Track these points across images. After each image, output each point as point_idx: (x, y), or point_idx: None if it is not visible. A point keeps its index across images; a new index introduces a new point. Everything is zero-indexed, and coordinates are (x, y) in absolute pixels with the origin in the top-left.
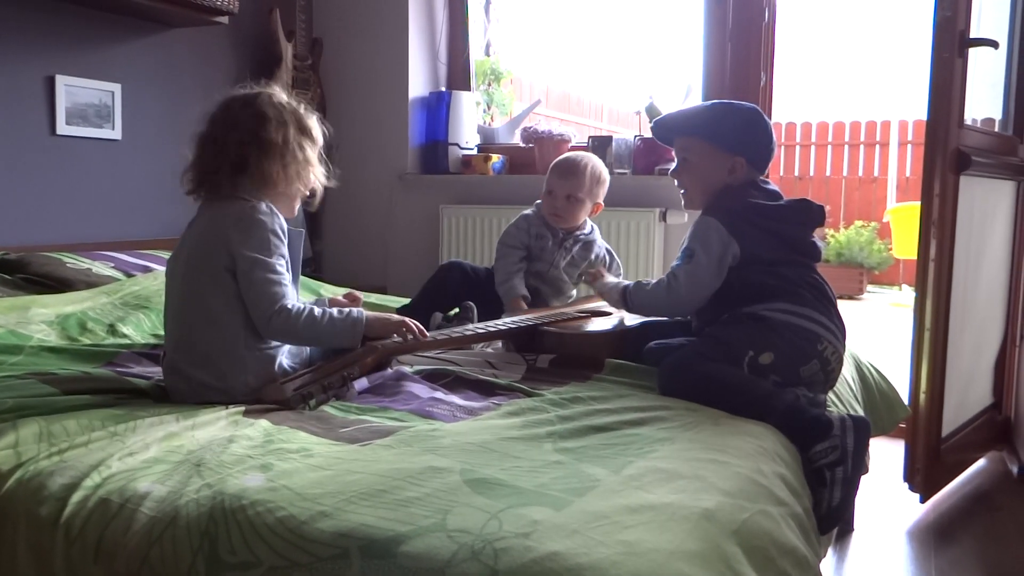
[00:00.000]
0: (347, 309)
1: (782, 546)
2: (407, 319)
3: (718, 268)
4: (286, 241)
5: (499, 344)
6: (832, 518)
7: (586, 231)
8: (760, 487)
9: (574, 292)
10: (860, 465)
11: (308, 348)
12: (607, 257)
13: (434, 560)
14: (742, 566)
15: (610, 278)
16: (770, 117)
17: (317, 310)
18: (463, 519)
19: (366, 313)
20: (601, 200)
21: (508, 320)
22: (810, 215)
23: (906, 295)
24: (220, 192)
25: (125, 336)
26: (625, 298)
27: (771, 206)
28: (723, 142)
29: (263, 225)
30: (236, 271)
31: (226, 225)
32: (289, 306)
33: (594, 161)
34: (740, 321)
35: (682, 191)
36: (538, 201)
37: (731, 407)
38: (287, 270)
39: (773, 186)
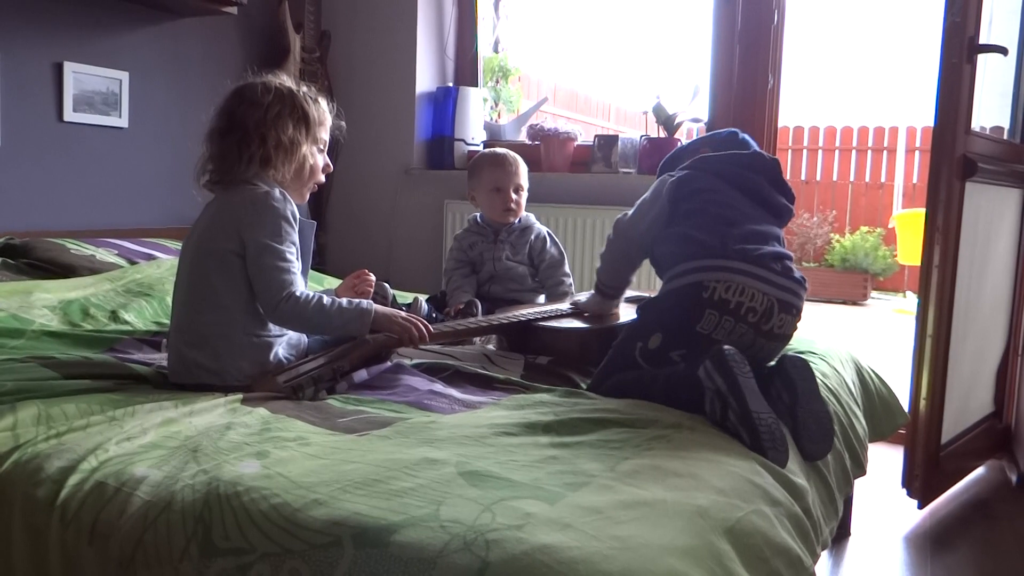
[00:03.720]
0: (356, 300)
1: (776, 546)
2: (417, 321)
3: (654, 197)
4: (297, 228)
5: (492, 345)
6: (746, 440)
7: (517, 220)
8: (755, 487)
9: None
10: (739, 390)
11: (306, 340)
12: (548, 239)
13: (426, 550)
14: (734, 564)
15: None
16: (776, 120)
17: (327, 298)
18: (456, 510)
19: (375, 306)
20: None
21: (501, 316)
22: (758, 162)
23: (910, 302)
24: (233, 180)
25: (127, 323)
26: (597, 285)
27: (710, 156)
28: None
29: (275, 211)
30: (245, 255)
31: (239, 210)
32: (298, 293)
33: (512, 152)
34: (633, 319)
35: None
36: (471, 216)
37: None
38: (297, 258)
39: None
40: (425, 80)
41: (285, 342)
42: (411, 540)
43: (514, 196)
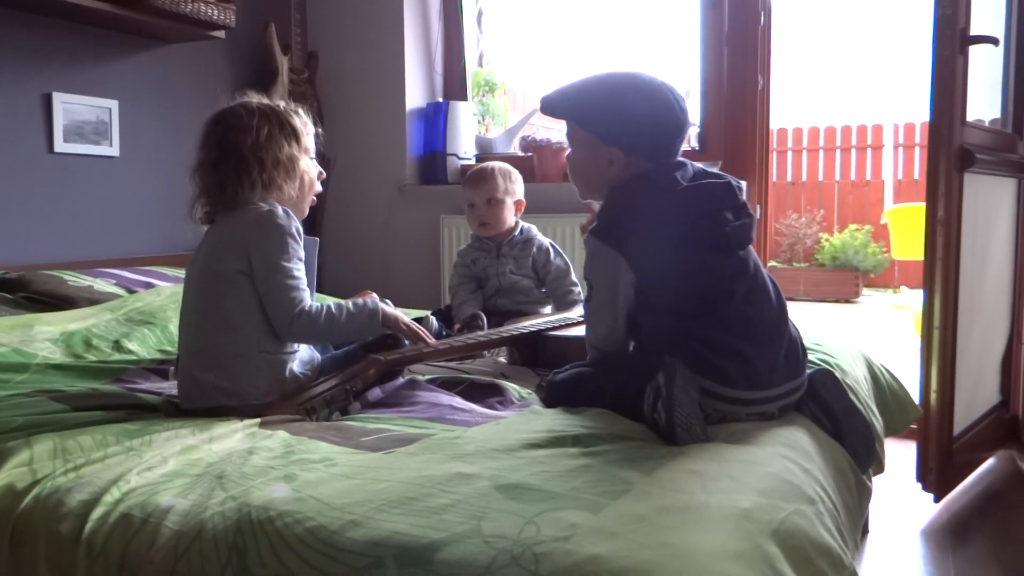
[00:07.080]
0: (362, 300)
1: (819, 546)
2: (415, 325)
3: (623, 303)
4: (302, 243)
5: (503, 358)
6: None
7: (519, 232)
8: (792, 486)
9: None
10: (673, 384)
11: (319, 357)
12: (551, 251)
13: (473, 566)
14: (783, 566)
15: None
16: (768, 121)
17: (334, 306)
18: (498, 524)
19: (380, 304)
20: (521, 196)
21: (511, 327)
22: (717, 198)
23: (905, 297)
24: (233, 206)
25: (131, 352)
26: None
27: (664, 200)
28: (598, 129)
29: (281, 229)
30: (252, 275)
31: (244, 229)
32: (308, 308)
33: (498, 164)
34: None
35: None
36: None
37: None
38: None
39: (679, 170)
40: (415, 96)
41: (298, 358)
42: (456, 557)
43: (481, 212)
